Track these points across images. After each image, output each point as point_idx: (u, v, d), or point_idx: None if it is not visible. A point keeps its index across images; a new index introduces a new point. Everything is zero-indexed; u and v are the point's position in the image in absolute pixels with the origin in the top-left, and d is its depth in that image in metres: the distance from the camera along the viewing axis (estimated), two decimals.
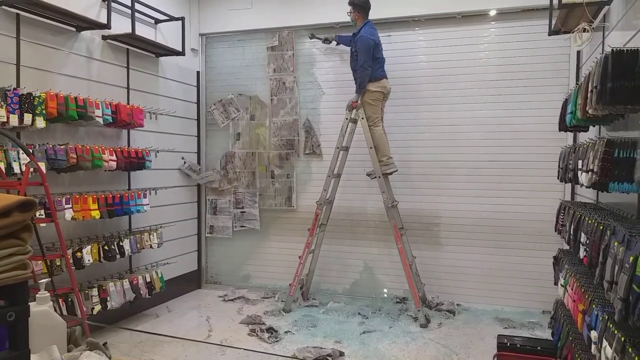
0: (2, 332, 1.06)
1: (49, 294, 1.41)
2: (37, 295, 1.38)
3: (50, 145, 3.77)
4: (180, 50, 5.32)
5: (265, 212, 6.01)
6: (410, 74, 5.39)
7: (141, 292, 4.63)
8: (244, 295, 5.66)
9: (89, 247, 4.10)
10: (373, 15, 5.31)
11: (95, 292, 4.16)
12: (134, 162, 4.57)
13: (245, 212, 6.05)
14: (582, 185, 2.79)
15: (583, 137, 3.83)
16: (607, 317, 2.13)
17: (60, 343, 1.34)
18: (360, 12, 5.01)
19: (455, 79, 5.24)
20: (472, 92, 5.19)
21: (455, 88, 5.24)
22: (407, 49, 5.42)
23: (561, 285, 3.20)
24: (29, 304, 1.12)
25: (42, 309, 1.33)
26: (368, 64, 4.84)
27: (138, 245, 4.62)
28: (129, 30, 4.60)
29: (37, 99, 3.60)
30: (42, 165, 3.52)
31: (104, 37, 4.59)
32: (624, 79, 2.18)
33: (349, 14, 5.08)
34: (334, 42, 5.52)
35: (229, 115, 6.07)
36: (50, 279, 3.49)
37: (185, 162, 5.74)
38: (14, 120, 3.44)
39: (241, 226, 6.06)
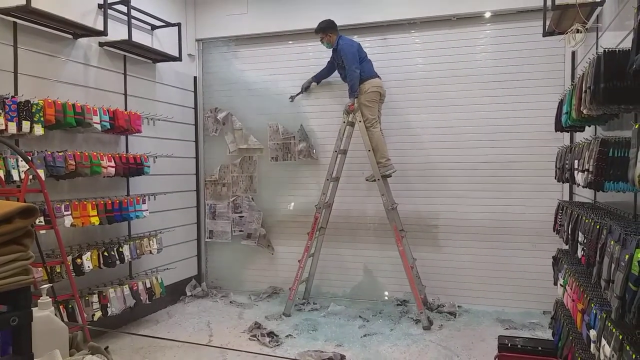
0: (6, 336, 1.07)
1: (50, 299, 1.42)
2: (38, 301, 1.38)
3: (49, 152, 3.78)
4: (177, 55, 5.33)
5: (264, 217, 6.02)
6: (407, 77, 5.42)
7: (141, 297, 4.64)
8: (244, 300, 5.67)
9: (89, 253, 4.10)
10: (369, 19, 5.36)
11: (95, 298, 4.16)
12: (133, 167, 4.58)
13: (243, 216, 6.05)
14: (578, 185, 2.80)
15: (579, 137, 3.85)
16: (605, 315, 2.14)
17: (62, 348, 1.34)
18: (332, 32, 5.18)
19: (452, 81, 5.26)
20: (469, 93, 5.22)
21: (452, 90, 5.27)
22: (404, 52, 5.45)
23: (560, 285, 3.22)
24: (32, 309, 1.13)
25: (44, 314, 1.34)
26: (355, 66, 5.01)
27: (138, 251, 4.63)
28: (126, 37, 4.62)
29: (35, 106, 3.61)
30: (41, 172, 3.53)
31: (100, 44, 4.61)
32: (617, 79, 2.20)
33: (321, 40, 5.23)
34: (314, 84, 5.68)
35: (221, 124, 6.07)
36: (50, 285, 3.49)
37: None
38: (12, 127, 3.46)
39: (240, 231, 6.07)
